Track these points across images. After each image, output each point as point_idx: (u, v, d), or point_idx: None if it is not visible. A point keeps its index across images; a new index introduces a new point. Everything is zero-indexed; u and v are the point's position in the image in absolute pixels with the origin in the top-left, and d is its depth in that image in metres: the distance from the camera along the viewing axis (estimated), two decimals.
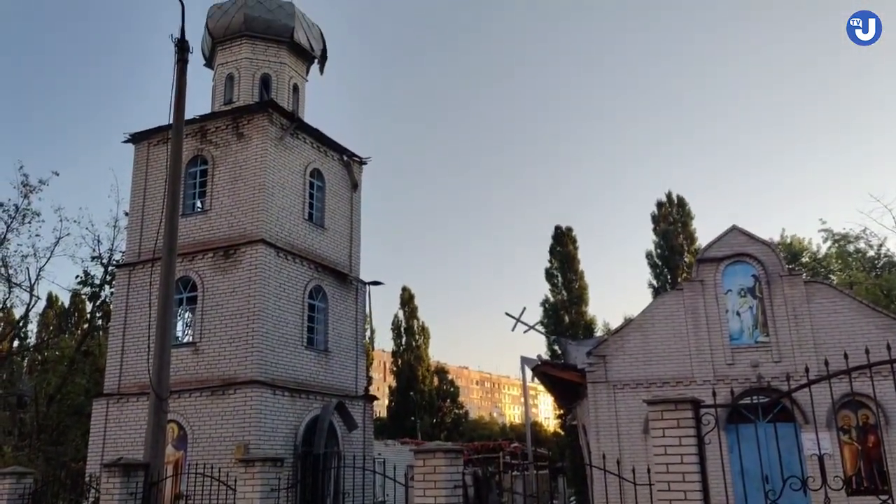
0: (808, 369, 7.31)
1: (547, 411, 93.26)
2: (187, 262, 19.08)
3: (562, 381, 20.59)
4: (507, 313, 27.36)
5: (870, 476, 16.30)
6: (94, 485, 14.89)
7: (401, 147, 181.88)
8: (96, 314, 32.15)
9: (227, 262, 18.91)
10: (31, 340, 38.62)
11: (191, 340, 19.01)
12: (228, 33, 22.55)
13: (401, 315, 53.55)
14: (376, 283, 23.04)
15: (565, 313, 40.37)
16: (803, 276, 18.86)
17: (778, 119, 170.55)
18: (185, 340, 19.37)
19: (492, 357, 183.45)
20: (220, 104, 22.19)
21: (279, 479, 11.03)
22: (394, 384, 53.94)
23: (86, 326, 34.16)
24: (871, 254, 32.24)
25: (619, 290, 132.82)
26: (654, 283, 39.65)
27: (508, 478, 32.35)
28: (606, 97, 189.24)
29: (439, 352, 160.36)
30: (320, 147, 21.85)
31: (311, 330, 20.11)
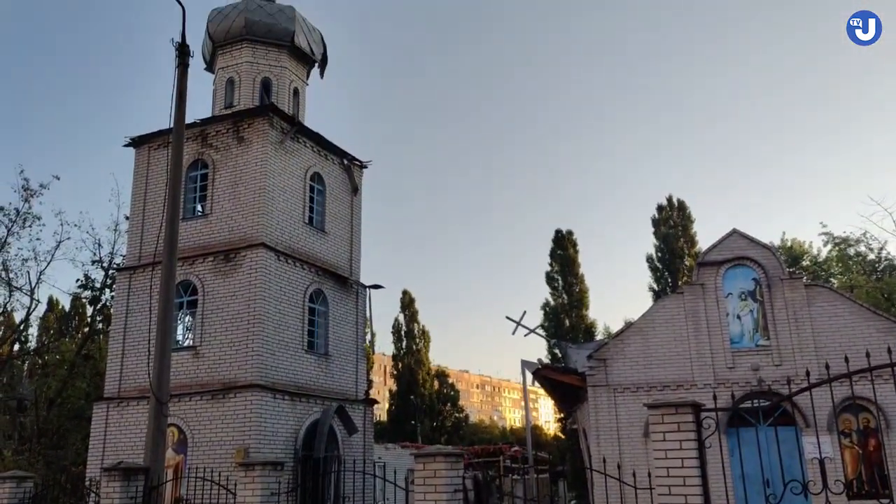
0: (808, 373, 7.32)
1: (547, 415, 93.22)
2: (188, 265, 19.10)
3: (562, 384, 20.57)
4: (507, 317, 27.46)
5: (871, 480, 16.28)
6: (94, 489, 14.85)
7: (401, 150, 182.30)
8: (97, 318, 32.17)
9: (227, 265, 18.92)
10: (32, 344, 38.56)
11: (191, 344, 19.02)
12: (229, 37, 22.59)
13: (401, 318, 53.64)
14: (377, 286, 23.06)
15: (566, 317, 40.40)
16: (804, 279, 18.86)
17: (778, 122, 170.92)
18: (186, 344, 19.37)
19: (492, 361, 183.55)
20: (220, 108, 22.22)
21: (279, 483, 11.02)
22: (394, 388, 54.00)
23: (86, 330, 34.15)
24: (871, 257, 32.22)
25: (619, 294, 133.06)
26: (654, 287, 39.73)
27: (509, 482, 32.31)
28: (607, 100, 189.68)
29: (440, 355, 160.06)
30: (321, 151, 21.88)
31: (311, 334, 20.11)
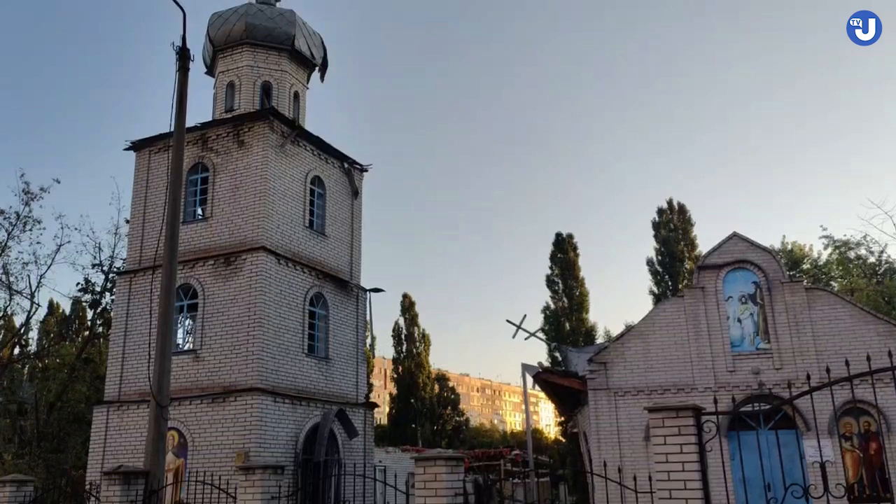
0: (809, 376, 7.31)
1: (548, 418, 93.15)
2: (188, 269, 19.11)
3: (563, 388, 20.56)
4: (507, 320, 27.43)
5: (872, 483, 16.26)
6: (94, 492, 14.85)
7: (401, 154, 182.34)
8: (97, 321, 32.17)
9: (227, 269, 18.92)
10: (32, 348, 38.58)
11: (191, 348, 19.01)
12: (229, 41, 22.62)
13: (401, 322, 53.60)
14: (377, 290, 23.07)
15: (566, 320, 40.42)
16: (804, 282, 18.88)
17: (778, 125, 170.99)
18: (186, 348, 19.36)
19: (493, 364, 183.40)
20: (220, 112, 22.24)
21: (279, 487, 11.00)
22: (394, 391, 53.91)
23: (86, 334, 34.12)
24: (871, 260, 32.25)
25: (619, 297, 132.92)
26: (654, 290, 39.73)
27: (509, 485, 32.28)
28: (607, 104, 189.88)
29: (440, 359, 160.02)
30: (321, 154, 21.90)
31: (311, 337, 20.11)
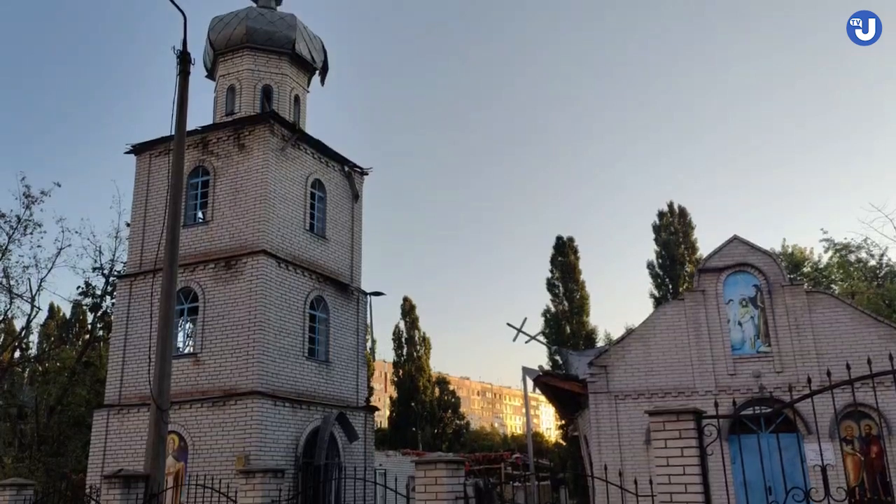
0: (810, 380, 7.30)
1: (548, 422, 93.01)
2: (188, 272, 19.11)
3: (563, 391, 20.55)
4: (508, 324, 27.32)
5: (873, 487, 16.23)
6: (94, 496, 14.83)
7: (402, 157, 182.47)
8: (97, 325, 32.18)
9: (228, 272, 18.93)
10: (33, 351, 38.62)
11: (192, 351, 19.01)
12: (230, 45, 22.66)
13: (402, 325, 53.53)
14: (377, 293, 23.08)
15: (566, 323, 40.38)
16: (805, 285, 18.86)
17: (778, 128, 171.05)
18: (186, 351, 19.36)
19: (493, 367, 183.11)
20: (221, 115, 22.27)
21: (280, 491, 10.99)
22: (395, 395, 53.84)
23: (87, 337, 34.16)
24: (872, 263, 32.23)
25: (620, 301, 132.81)
26: (655, 294, 39.71)
27: (510, 489, 32.25)
28: (608, 106, 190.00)
29: (440, 362, 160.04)
30: (321, 158, 21.92)
31: (312, 340, 20.10)
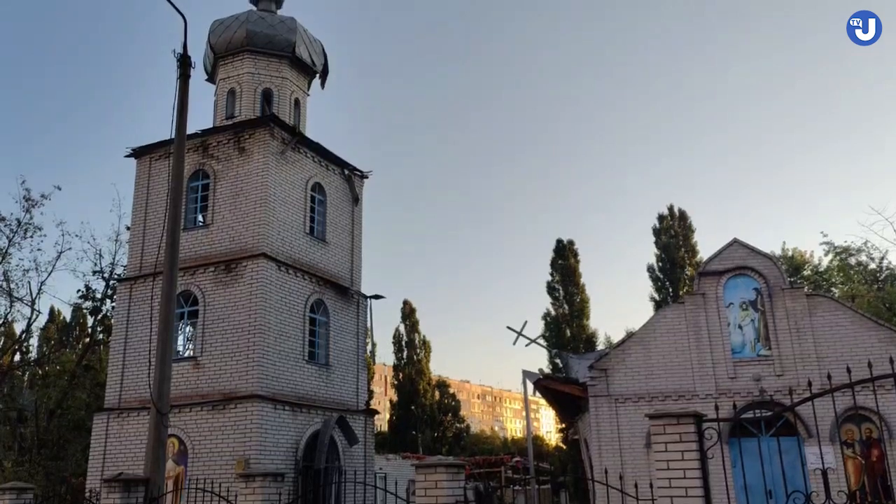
0: (810, 383, 7.30)
1: (549, 425, 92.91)
2: (188, 276, 19.10)
3: (563, 394, 20.55)
4: (508, 327, 27.34)
5: (874, 490, 16.23)
6: (94, 500, 14.83)
7: (402, 160, 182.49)
8: (97, 328, 32.16)
9: (228, 276, 18.92)
10: (33, 355, 38.53)
11: (192, 355, 19.00)
12: (230, 48, 22.68)
13: (402, 329, 53.53)
14: (377, 296, 23.05)
15: (567, 327, 40.37)
16: (805, 289, 18.89)
17: (778, 130, 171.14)
18: (186, 355, 19.36)
19: (493, 371, 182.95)
20: (221, 119, 22.28)
21: (280, 495, 10.98)
22: (395, 398, 53.82)
23: (87, 341, 34.13)
24: (872, 266, 32.26)
25: (620, 304, 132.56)
26: (655, 297, 39.73)
27: (510, 492, 32.24)
28: (607, 109, 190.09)
29: (440, 366, 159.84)
30: (321, 161, 21.93)
31: (312, 344, 20.09)
